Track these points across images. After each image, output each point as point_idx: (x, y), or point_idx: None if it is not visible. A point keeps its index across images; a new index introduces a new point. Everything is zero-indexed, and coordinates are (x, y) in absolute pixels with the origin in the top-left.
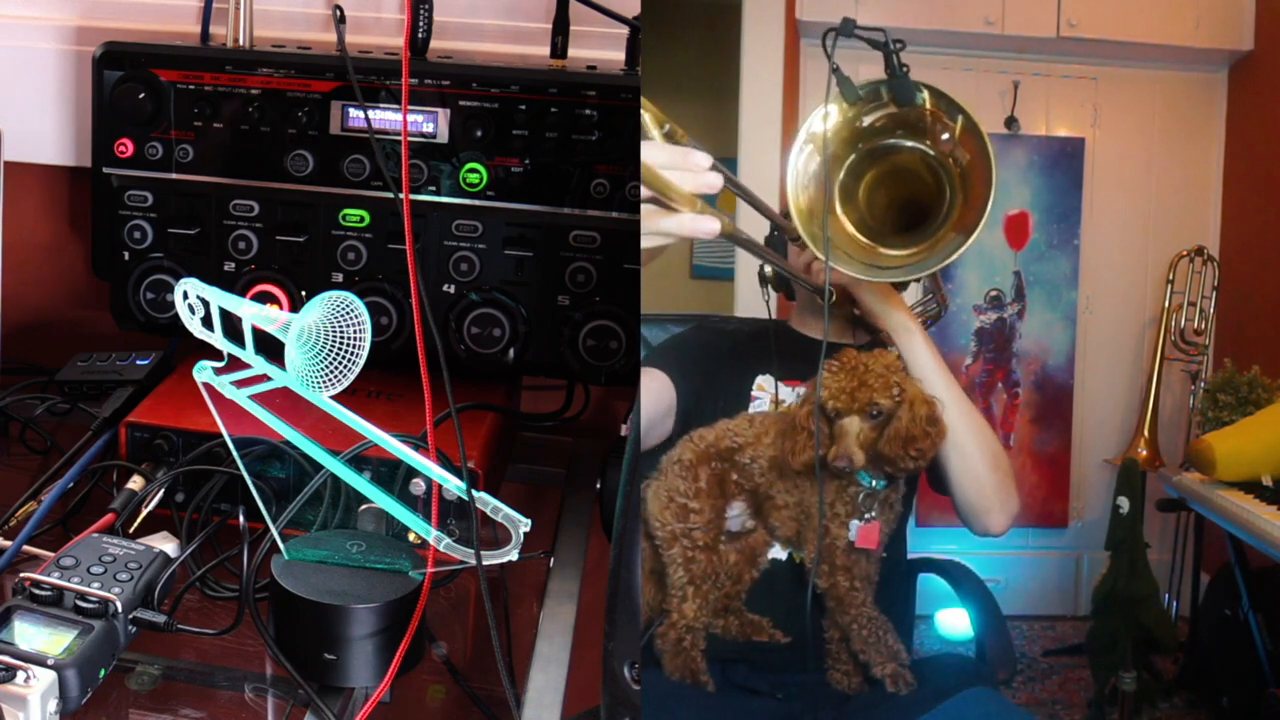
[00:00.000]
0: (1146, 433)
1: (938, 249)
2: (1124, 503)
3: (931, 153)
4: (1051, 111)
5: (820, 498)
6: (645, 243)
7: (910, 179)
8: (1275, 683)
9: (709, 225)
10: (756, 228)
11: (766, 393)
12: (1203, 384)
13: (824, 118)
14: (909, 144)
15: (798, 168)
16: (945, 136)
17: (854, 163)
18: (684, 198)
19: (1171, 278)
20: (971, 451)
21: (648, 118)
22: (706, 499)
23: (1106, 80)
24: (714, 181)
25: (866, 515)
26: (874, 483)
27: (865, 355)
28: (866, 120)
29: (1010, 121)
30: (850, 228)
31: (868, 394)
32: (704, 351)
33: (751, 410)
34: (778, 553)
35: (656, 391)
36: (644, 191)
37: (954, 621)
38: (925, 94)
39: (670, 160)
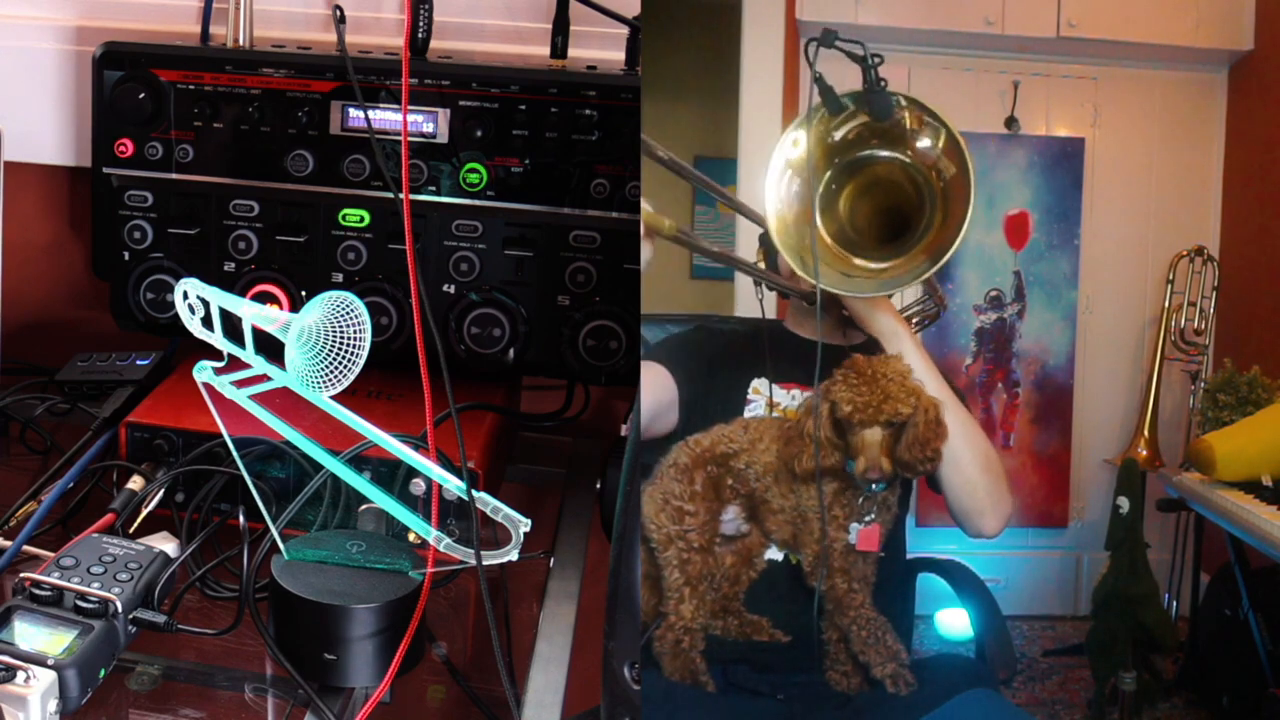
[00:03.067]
0: (1146, 433)
1: (909, 268)
2: (1124, 503)
3: (910, 162)
4: (1051, 111)
5: (820, 503)
6: None
7: (892, 189)
8: (1275, 683)
9: None
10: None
11: (762, 396)
12: (1203, 384)
13: (794, 144)
14: (885, 154)
15: (779, 193)
16: (926, 145)
17: (832, 176)
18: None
19: (1171, 278)
20: (963, 454)
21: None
22: (701, 501)
23: (1106, 80)
24: None
25: (866, 518)
26: (873, 485)
27: (877, 362)
28: (839, 134)
29: (1010, 121)
30: (827, 238)
31: (893, 406)
32: (702, 354)
33: (747, 414)
34: (774, 554)
35: (656, 383)
36: None
37: (954, 621)
38: (905, 105)
39: None
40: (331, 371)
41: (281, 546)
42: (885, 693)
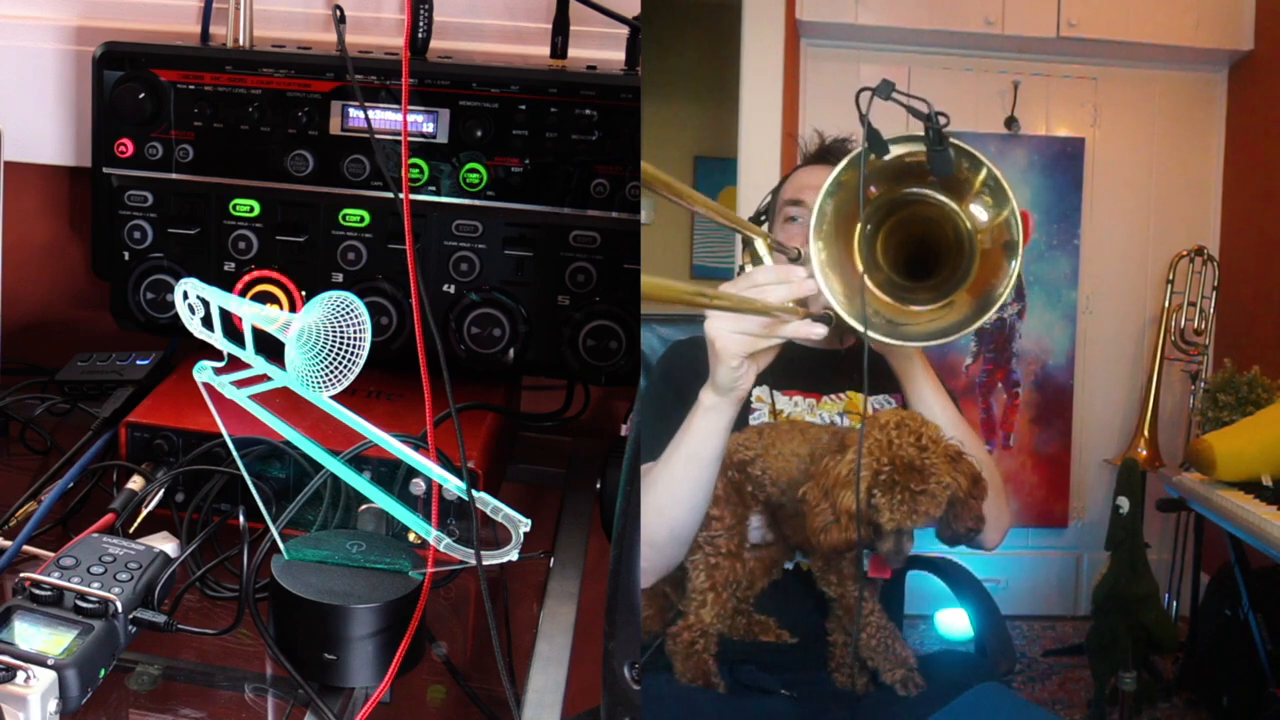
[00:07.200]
0: (1146, 433)
1: (957, 315)
2: (1124, 503)
3: (961, 219)
4: (1051, 111)
5: (858, 513)
6: (765, 344)
7: (930, 226)
8: (1275, 683)
9: (819, 330)
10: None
11: (765, 403)
12: (1203, 384)
13: (825, 195)
14: (939, 198)
15: (820, 262)
16: (984, 217)
17: (868, 214)
18: (790, 310)
19: (1171, 278)
20: None
21: (759, 243)
22: (725, 505)
23: (1106, 80)
24: (812, 287)
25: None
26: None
27: (920, 461)
28: (888, 156)
29: (1010, 121)
30: (877, 291)
31: (927, 516)
32: (701, 364)
33: (752, 421)
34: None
35: None
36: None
37: (954, 621)
38: (986, 168)
39: (776, 277)
40: (331, 371)
41: (281, 546)
42: (894, 693)
